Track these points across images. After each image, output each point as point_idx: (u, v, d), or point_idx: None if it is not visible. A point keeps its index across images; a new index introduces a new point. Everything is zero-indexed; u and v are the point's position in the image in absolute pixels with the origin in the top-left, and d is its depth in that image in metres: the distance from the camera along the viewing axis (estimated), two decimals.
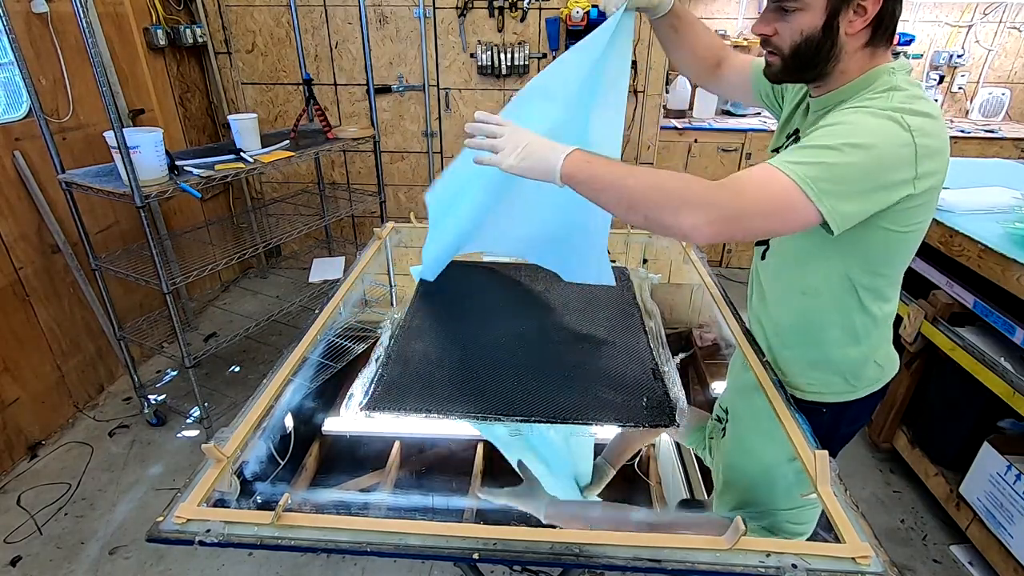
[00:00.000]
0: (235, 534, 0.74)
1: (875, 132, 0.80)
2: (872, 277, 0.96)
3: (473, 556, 0.71)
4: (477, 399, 1.04)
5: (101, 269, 2.18)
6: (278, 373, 1.07)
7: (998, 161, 2.78)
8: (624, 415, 1.01)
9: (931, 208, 0.90)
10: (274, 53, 3.42)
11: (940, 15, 3.78)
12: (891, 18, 0.86)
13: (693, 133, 3.60)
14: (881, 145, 0.80)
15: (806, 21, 0.86)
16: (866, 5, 0.83)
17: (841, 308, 0.99)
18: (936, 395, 2.03)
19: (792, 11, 0.86)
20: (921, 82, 0.86)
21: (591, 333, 1.29)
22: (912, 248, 0.95)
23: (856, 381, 1.07)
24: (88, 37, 1.68)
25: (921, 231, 0.92)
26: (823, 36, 0.86)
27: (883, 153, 0.80)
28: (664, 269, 1.69)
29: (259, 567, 1.81)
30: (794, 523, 0.93)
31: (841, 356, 1.04)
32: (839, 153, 0.79)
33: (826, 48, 0.87)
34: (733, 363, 1.25)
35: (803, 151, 0.82)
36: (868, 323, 1.00)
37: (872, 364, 1.06)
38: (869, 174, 0.80)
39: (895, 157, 0.80)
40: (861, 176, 0.80)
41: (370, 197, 3.14)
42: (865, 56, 0.89)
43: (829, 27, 0.85)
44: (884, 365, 1.08)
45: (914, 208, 0.87)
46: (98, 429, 2.41)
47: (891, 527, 1.97)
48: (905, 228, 0.89)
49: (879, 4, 0.83)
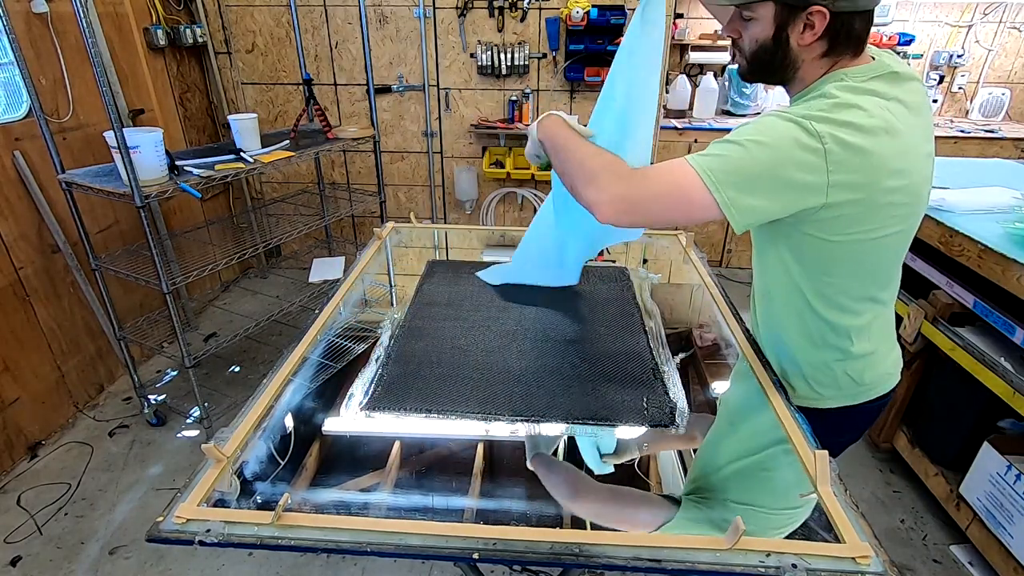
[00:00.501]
0: (235, 534, 0.74)
1: (779, 133, 0.81)
2: (816, 283, 0.94)
3: (473, 556, 0.71)
4: (477, 399, 1.04)
5: (101, 269, 2.18)
6: (278, 373, 1.07)
7: (998, 161, 2.78)
8: (624, 415, 1.01)
9: (873, 220, 0.86)
10: (274, 53, 3.42)
11: (940, 15, 3.78)
12: (848, 31, 0.86)
13: (693, 133, 3.60)
14: (783, 146, 0.80)
15: (758, 31, 0.90)
16: (814, 20, 0.85)
17: (793, 310, 1.00)
18: (936, 395, 2.03)
19: (748, 19, 0.91)
20: (877, 89, 0.84)
21: (591, 333, 1.29)
22: (857, 259, 0.91)
23: (821, 388, 1.04)
24: (88, 37, 1.68)
25: (864, 242, 0.88)
26: (774, 46, 0.90)
27: (785, 154, 0.80)
28: (664, 269, 1.70)
29: (259, 567, 1.81)
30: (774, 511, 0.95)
31: (802, 359, 1.04)
32: (741, 148, 0.82)
33: (779, 58, 0.90)
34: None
35: (712, 146, 0.85)
36: (824, 329, 0.98)
37: (840, 375, 1.02)
38: (769, 170, 0.80)
39: (798, 160, 0.79)
40: (761, 171, 0.81)
41: (370, 197, 3.14)
42: (825, 64, 0.90)
43: (779, 38, 0.89)
44: (859, 380, 1.02)
45: (841, 218, 0.84)
46: (98, 429, 2.41)
47: (891, 527, 1.97)
48: (837, 237, 0.87)
49: (827, 19, 0.84)
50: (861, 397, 1.05)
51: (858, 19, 0.86)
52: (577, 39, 3.15)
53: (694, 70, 3.92)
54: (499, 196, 3.72)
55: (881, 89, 0.85)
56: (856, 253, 0.90)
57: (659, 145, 3.57)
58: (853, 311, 0.97)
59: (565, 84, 3.39)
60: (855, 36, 0.87)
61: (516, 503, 1.26)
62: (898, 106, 0.84)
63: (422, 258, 1.73)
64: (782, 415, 0.97)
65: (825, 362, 1.01)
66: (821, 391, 1.04)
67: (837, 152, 0.79)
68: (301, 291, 2.97)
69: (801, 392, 1.06)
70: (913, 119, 0.85)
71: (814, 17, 0.84)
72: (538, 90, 3.43)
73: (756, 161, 0.80)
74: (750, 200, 0.81)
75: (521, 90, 3.42)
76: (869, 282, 0.95)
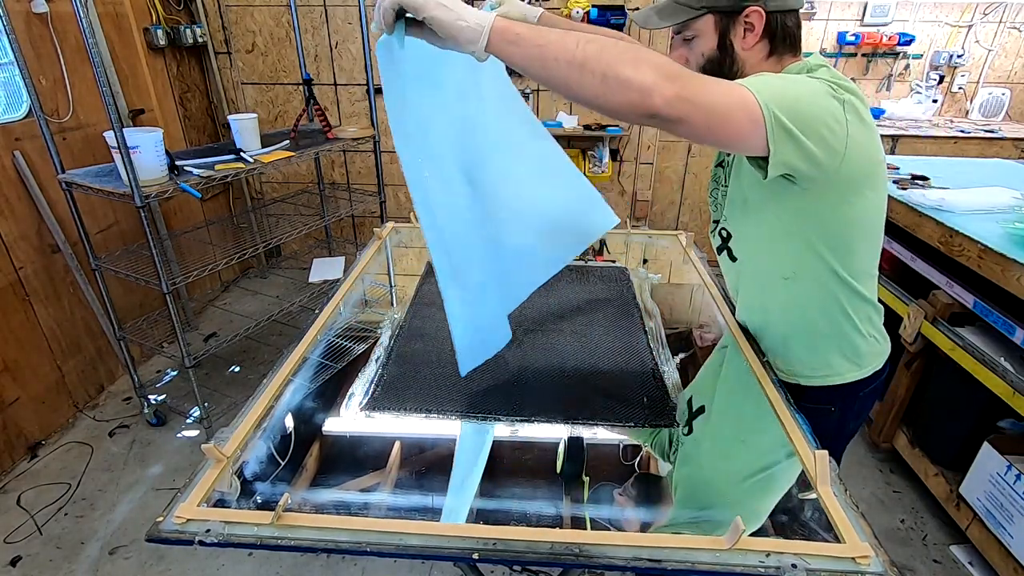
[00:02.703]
0: (235, 534, 0.74)
1: (813, 86, 0.84)
2: (843, 259, 0.98)
3: (473, 556, 0.71)
4: (477, 399, 1.04)
5: (101, 269, 2.18)
6: (278, 373, 1.07)
7: (998, 161, 2.78)
8: (624, 415, 1.01)
9: (877, 186, 0.93)
10: (274, 53, 3.42)
11: (940, 15, 3.78)
12: (784, 29, 0.93)
13: None
14: (816, 88, 0.84)
15: (703, 45, 0.95)
16: (752, 22, 0.91)
17: (820, 284, 1.01)
18: (936, 395, 2.03)
19: (691, 39, 0.96)
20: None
21: (591, 333, 1.29)
22: (871, 230, 0.98)
23: (858, 359, 1.08)
24: (88, 37, 1.68)
25: (873, 212, 0.96)
26: (721, 55, 0.95)
27: (817, 94, 0.83)
28: (664, 269, 1.69)
29: (259, 567, 1.81)
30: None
31: (836, 332, 1.05)
32: (783, 82, 0.84)
33: (727, 65, 0.95)
34: (714, 361, 1.25)
35: (755, 80, 0.83)
36: (852, 296, 1.02)
37: (868, 338, 1.07)
38: (813, 117, 0.81)
39: (832, 111, 0.83)
40: (806, 115, 0.80)
41: (370, 197, 3.14)
42: (774, 64, 0.96)
43: (723, 46, 0.94)
44: (879, 338, 1.10)
45: (853, 181, 0.90)
46: (98, 429, 2.41)
47: (891, 527, 1.97)
48: (855, 206, 0.93)
49: (763, 19, 0.91)
50: (883, 355, 1.11)
51: (791, 17, 0.93)
52: None
53: None
54: None
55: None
56: (869, 224, 0.97)
57: (659, 145, 3.57)
58: (872, 282, 1.04)
59: None
60: (791, 34, 0.94)
61: (516, 503, 1.26)
62: None
63: (422, 258, 1.73)
64: (782, 416, 0.97)
65: (855, 328, 1.05)
66: (858, 360, 1.08)
67: (853, 112, 0.84)
68: (301, 291, 2.97)
69: (841, 368, 1.08)
70: None
71: (751, 18, 0.91)
72: (538, 90, 3.43)
73: (801, 101, 0.81)
74: (791, 144, 0.80)
75: (521, 90, 3.41)
76: (876, 253, 1.03)
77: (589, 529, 1.02)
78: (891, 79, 3.88)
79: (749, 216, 1.04)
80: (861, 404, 1.14)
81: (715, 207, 1.16)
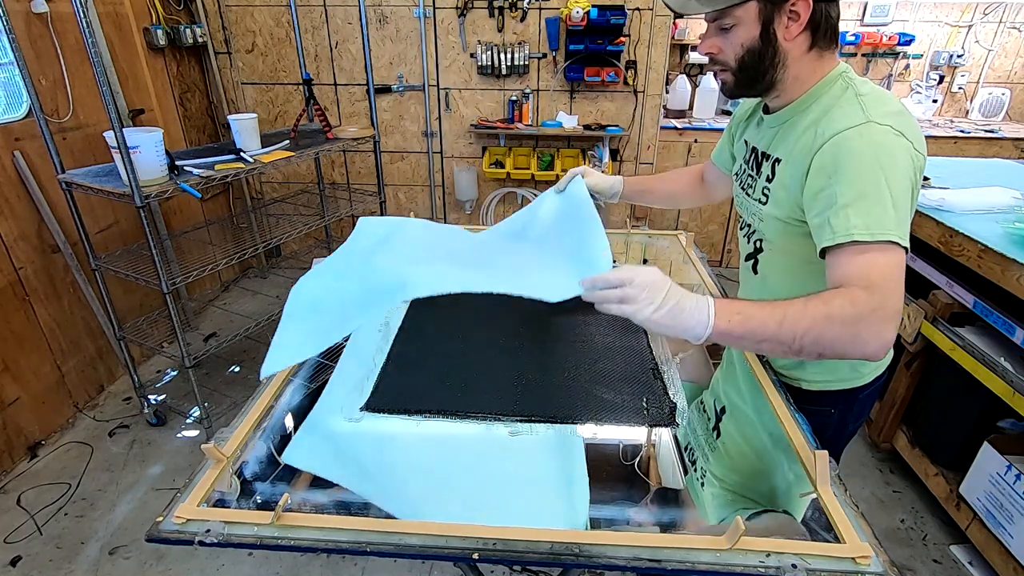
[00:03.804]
0: (235, 534, 0.74)
1: (900, 161, 0.82)
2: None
3: (473, 556, 0.71)
4: (477, 399, 1.04)
5: (101, 269, 2.18)
6: (278, 373, 1.07)
7: (998, 161, 2.78)
8: (624, 415, 1.01)
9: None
10: (274, 53, 3.42)
11: (940, 15, 3.79)
12: (827, 19, 0.89)
13: (693, 133, 3.61)
14: (905, 171, 0.82)
15: (744, 34, 0.89)
16: (797, 10, 0.86)
17: None
18: (936, 395, 2.03)
19: (730, 28, 0.90)
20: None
21: (591, 333, 1.29)
22: None
23: (863, 367, 1.09)
24: (88, 37, 1.68)
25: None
26: (763, 46, 0.90)
27: (907, 174, 0.82)
28: (664, 269, 1.68)
29: (259, 567, 1.81)
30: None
31: None
32: (890, 189, 0.80)
33: (769, 56, 0.90)
34: (723, 362, 1.26)
35: (873, 203, 0.80)
36: None
37: None
38: (908, 197, 0.82)
39: (913, 179, 0.83)
40: (906, 201, 0.82)
41: (370, 197, 3.14)
42: (814, 59, 0.91)
43: (766, 36, 0.89)
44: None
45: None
46: (98, 429, 2.41)
47: (891, 527, 1.97)
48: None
49: (810, 7, 0.85)
50: (884, 363, 1.11)
51: (834, 7, 0.89)
52: (577, 39, 3.16)
53: (694, 70, 3.92)
54: (499, 196, 3.73)
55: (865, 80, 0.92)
56: None
57: (659, 145, 3.57)
58: None
59: (565, 84, 3.39)
60: (832, 26, 0.90)
61: None
62: None
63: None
64: (782, 415, 0.97)
65: None
66: (861, 369, 1.09)
67: (916, 138, 0.85)
68: None
69: (843, 375, 1.09)
70: None
71: (798, 7, 0.86)
72: (538, 90, 3.43)
73: (902, 197, 0.81)
74: (907, 226, 0.82)
75: (521, 90, 3.42)
76: None
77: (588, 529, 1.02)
78: (891, 79, 3.88)
79: (788, 240, 1.00)
80: (861, 406, 1.14)
81: (743, 210, 1.13)
